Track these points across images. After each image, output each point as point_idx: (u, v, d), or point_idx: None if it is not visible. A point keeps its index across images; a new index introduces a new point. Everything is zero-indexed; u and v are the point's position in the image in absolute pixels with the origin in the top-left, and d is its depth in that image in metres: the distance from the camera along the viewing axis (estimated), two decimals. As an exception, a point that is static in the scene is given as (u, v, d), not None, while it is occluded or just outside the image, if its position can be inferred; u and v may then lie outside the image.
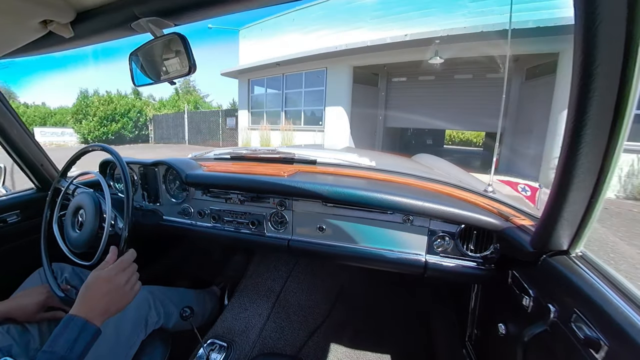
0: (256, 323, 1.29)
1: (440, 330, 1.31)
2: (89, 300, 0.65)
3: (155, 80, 0.75)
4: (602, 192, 0.49)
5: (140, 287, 0.74)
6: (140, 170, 1.26)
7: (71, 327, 0.60)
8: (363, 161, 1.31)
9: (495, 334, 0.80)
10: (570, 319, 0.53)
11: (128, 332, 0.86)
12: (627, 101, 0.41)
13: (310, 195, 0.97)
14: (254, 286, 1.49)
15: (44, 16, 0.59)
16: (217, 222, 1.15)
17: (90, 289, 0.66)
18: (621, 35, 0.39)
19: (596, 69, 0.41)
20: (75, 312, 0.62)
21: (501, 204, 0.93)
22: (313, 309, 1.44)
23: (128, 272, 0.71)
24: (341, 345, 1.30)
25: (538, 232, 0.64)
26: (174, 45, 0.66)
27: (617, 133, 0.44)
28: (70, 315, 0.61)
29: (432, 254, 0.94)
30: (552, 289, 0.62)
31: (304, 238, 1.05)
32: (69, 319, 0.61)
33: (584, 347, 0.49)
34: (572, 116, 0.46)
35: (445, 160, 1.83)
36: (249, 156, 1.35)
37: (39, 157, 1.24)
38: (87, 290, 0.65)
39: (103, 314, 0.64)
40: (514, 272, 0.76)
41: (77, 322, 0.61)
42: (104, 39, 0.71)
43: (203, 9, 0.57)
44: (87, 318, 0.62)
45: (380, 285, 1.64)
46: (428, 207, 0.86)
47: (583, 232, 0.56)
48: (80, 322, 0.61)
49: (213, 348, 1.15)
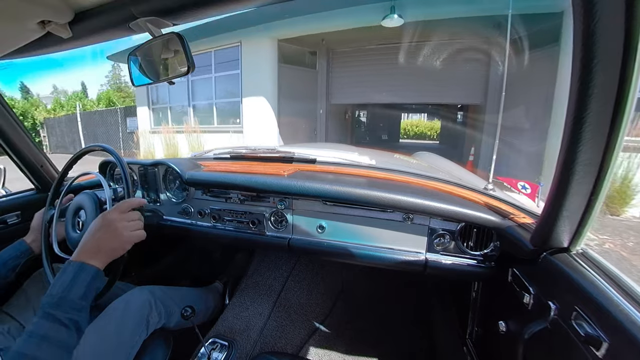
0: (257, 322, 1.29)
1: (441, 328, 1.31)
2: (85, 244, 0.66)
3: (155, 80, 0.75)
4: (602, 189, 0.49)
5: (142, 235, 0.74)
6: (140, 170, 1.26)
7: (68, 271, 0.62)
8: (363, 160, 1.31)
9: (496, 331, 0.80)
10: (571, 317, 0.53)
11: (129, 332, 0.86)
12: (627, 97, 0.41)
13: (311, 194, 0.97)
14: (254, 285, 1.49)
15: (42, 17, 0.59)
16: (217, 222, 1.15)
17: (87, 233, 0.67)
18: (620, 31, 0.39)
19: (596, 65, 0.41)
20: (72, 258, 0.64)
21: (501, 201, 0.93)
22: (314, 307, 1.45)
23: (127, 215, 0.72)
24: (342, 343, 1.30)
25: (538, 229, 0.64)
26: (172, 45, 0.66)
27: (617, 129, 0.44)
28: (67, 261, 0.63)
29: (432, 252, 0.94)
30: (552, 286, 0.62)
31: (304, 237, 1.05)
32: (65, 265, 0.63)
33: (585, 344, 0.49)
34: (571, 112, 0.45)
35: (444, 158, 1.83)
36: (248, 155, 1.35)
37: (39, 158, 1.24)
38: (84, 236, 0.67)
39: (96, 252, 0.65)
40: (514, 269, 0.76)
41: (73, 265, 0.62)
42: (102, 39, 0.71)
43: (201, 8, 0.57)
44: (83, 260, 0.63)
45: (380, 283, 1.64)
46: (428, 205, 0.86)
47: (583, 229, 0.56)
48: (76, 265, 0.62)
49: (214, 347, 1.15)
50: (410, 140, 18.27)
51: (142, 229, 0.75)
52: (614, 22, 0.38)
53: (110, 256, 0.68)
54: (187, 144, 7.25)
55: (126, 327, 0.85)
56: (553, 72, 4.29)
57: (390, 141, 14.24)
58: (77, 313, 0.61)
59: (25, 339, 0.56)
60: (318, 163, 1.23)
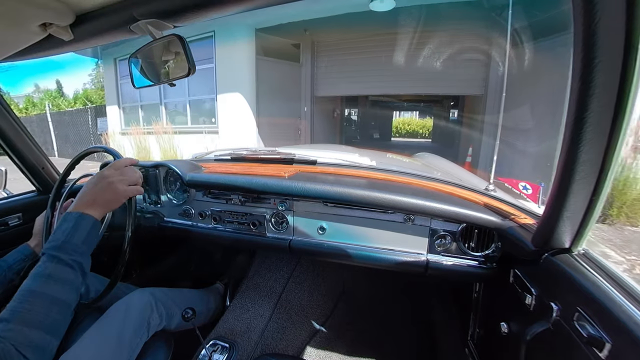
0: (258, 324, 1.29)
1: (442, 329, 1.31)
2: (81, 197, 0.69)
3: (155, 82, 0.75)
4: (603, 189, 0.49)
5: (139, 190, 0.77)
6: (140, 172, 1.26)
7: (68, 220, 0.65)
8: (364, 161, 1.31)
9: (498, 332, 0.80)
10: (573, 318, 0.53)
11: (130, 334, 0.86)
12: (628, 97, 0.41)
13: (311, 196, 0.97)
14: (255, 287, 1.49)
15: (44, 19, 0.59)
16: (218, 223, 1.15)
17: (83, 188, 0.71)
18: (621, 31, 0.39)
19: (597, 65, 0.41)
20: (70, 209, 0.67)
21: (502, 202, 0.93)
22: (315, 309, 1.44)
23: (123, 170, 0.75)
24: (343, 345, 1.30)
25: (539, 230, 0.63)
26: (173, 47, 0.66)
27: (618, 129, 0.44)
28: (65, 213, 0.67)
29: (434, 253, 0.94)
30: (554, 287, 0.61)
31: (305, 238, 1.05)
32: (64, 215, 0.66)
33: (587, 345, 0.49)
34: (572, 112, 0.45)
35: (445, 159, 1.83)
36: (249, 157, 1.35)
37: (40, 160, 1.24)
38: (81, 191, 0.70)
39: (92, 203, 0.68)
40: (516, 270, 0.76)
41: (72, 215, 0.66)
42: (103, 41, 0.71)
43: (202, 10, 0.57)
44: (82, 210, 0.66)
45: (382, 284, 1.64)
46: (429, 207, 0.86)
47: (585, 230, 0.56)
48: (75, 214, 0.65)
49: (215, 349, 1.15)
50: (402, 139, 17.86)
51: (140, 184, 0.78)
52: (614, 22, 0.38)
53: (106, 207, 0.70)
54: (158, 147, 6.43)
55: (127, 329, 0.85)
56: (566, 62, 3.72)
57: (382, 140, 13.87)
58: (80, 256, 0.63)
59: (32, 278, 0.58)
60: (319, 164, 1.23)
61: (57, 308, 0.58)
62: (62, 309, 0.59)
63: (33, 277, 0.59)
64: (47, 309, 0.56)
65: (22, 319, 0.53)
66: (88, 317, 0.95)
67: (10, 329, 0.52)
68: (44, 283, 0.58)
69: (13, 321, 0.53)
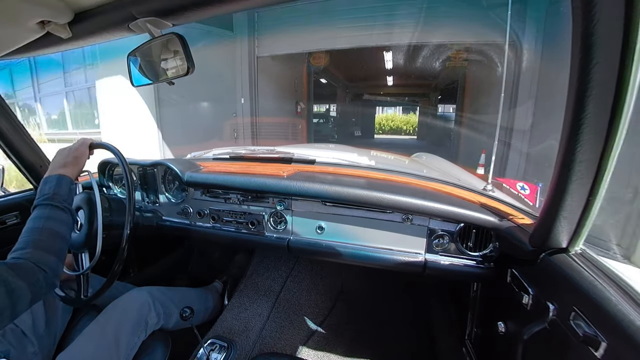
0: (256, 323, 1.29)
1: (440, 328, 1.31)
2: (53, 164, 0.81)
3: (154, 81, 0.75)
4: (600, 190, 0.49)
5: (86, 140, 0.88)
6: (139, 171, 1.26)
7: (50, 179, 0.75)
8: (362, 160, 1.31)
9: (495, 332, 0.80)
10: (569, 317, 0.53)
11: (128, 334, 0.86)
12: (625, 98, 0.42)
13: (310, 195, 0.97)
14: (253, 286, 1.49)
15: (42, 17, 0.59)
16: (216, 222, 1.15)
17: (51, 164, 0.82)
18: (619, 33, 0.39)
19: (595, 66, 0.41)
20: (47, 174, 0.77)
21: (500, 202, 0.94)
22: (313, 308, 1.44)
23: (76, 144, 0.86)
24: (342, 344, 1.30)
25: (537, 230, 0.64)
26: (172, 46, 0.66)
27: (615, 130, 0.44)
28: (45, 177, 0.76)
29: (432, 253, 0.94)
30: (551, 287, 0.62)
31: (304, 238, 1.05)
32: (45, 177, 0.76)
33: (583, 344, 0.49)
34: (570, 113, 0.46)
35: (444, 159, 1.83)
36: (247, 156, 1.35)
37: (38, 158, 1.24)
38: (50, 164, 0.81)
39: (64, 165, 0.79)
40: (513, 270, 0.76)
41: (52, 176, 0.76)
42: (102, 40, 0.71)
43: (201, 9, 0.57)
44: (58, 172, 0.76)
45: (380, 284, 1.64)
46: (427, 206, 0.86)
47: (582, 230, 0.56)
48: (54, 176, 0.76)
49: (213, 348, 1.15)
50: (386, 136, 16.55)
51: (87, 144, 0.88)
52: (613, 23, 0.39)
53: (75, 165, 0.81)
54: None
55: (125, 328, 0.85)
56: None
57: (365, 137, 12.49)
58: (68, 205, 0.74)
59: (32, 220, 0.68)
60: (317, 164, 1.23)
61: (60, 239, 0.69)
62: (63, 241, 0.70)
63: (34, 219, 0.68)
64: (53, 239, 0.67)
65: (36, 246, 0.64)
66: (86, 316, 0.95)
67: (28, 251, 0.62)
68: (45, 221, 0.68)
69: (28, 247, 0.63)
